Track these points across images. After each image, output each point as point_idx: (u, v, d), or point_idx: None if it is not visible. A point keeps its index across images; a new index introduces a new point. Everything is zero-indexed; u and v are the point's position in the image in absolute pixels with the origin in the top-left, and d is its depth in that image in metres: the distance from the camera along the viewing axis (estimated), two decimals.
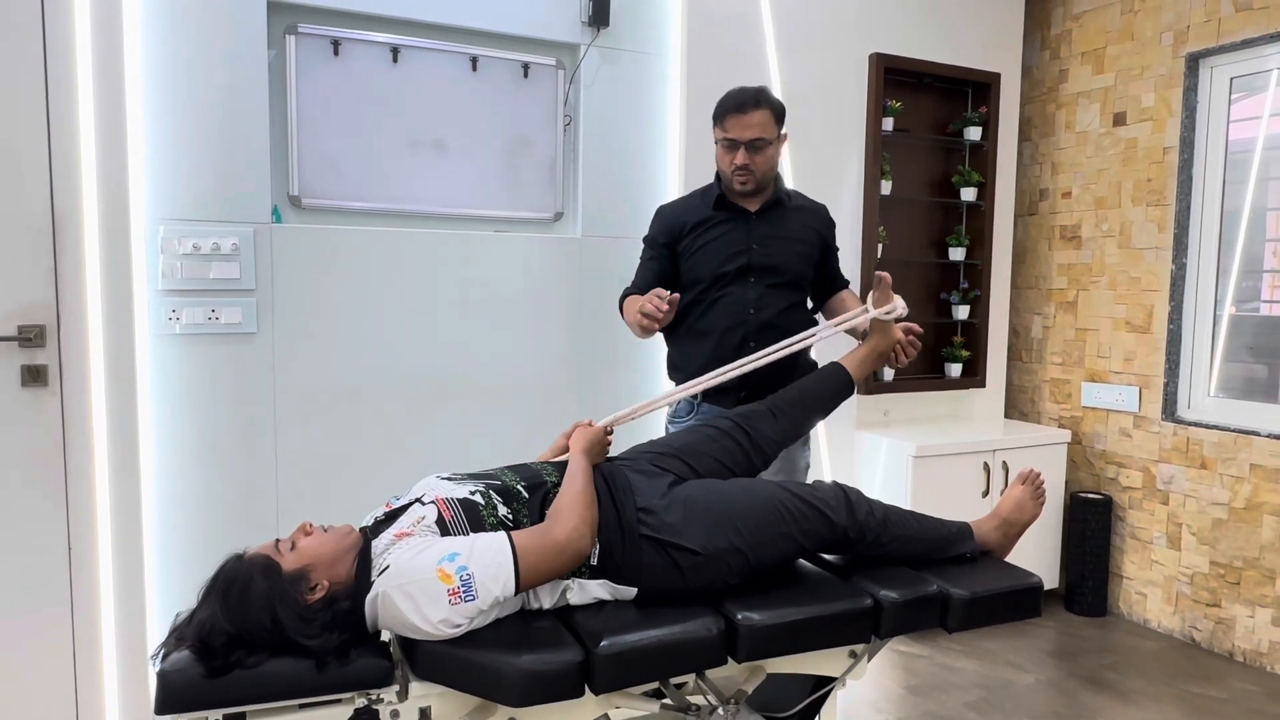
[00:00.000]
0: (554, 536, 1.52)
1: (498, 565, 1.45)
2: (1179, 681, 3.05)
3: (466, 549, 1.46)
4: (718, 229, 2.31)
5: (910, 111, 3.61)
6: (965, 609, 1.77)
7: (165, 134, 2.42)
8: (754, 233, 2.30)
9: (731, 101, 2.22)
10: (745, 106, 2.19)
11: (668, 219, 2.39)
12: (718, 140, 2.26)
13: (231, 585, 1.42)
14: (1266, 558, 3.13)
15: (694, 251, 2.31)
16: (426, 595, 1.41)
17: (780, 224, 2.33)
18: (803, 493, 1.80)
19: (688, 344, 2.33)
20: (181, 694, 1.35)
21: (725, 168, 2.27)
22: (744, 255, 2.27)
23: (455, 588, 1.41)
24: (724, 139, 2.24)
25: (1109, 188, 3.65)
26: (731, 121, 2.21)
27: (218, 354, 2.51)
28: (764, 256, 2.28)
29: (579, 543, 1.54)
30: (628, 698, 1.61)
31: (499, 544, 1.49)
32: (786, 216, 2.34)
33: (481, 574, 1.43)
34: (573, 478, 1.65)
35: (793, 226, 2.34)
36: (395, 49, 2.74)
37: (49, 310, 2.14)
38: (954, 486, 3.35)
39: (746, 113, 2.19)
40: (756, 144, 2.20)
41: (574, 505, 1.58)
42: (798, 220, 2.36)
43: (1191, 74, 3.34)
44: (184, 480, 2.49)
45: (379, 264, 2.72)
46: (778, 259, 2.29)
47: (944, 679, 3.03)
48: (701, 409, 2.30)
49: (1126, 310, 3.59)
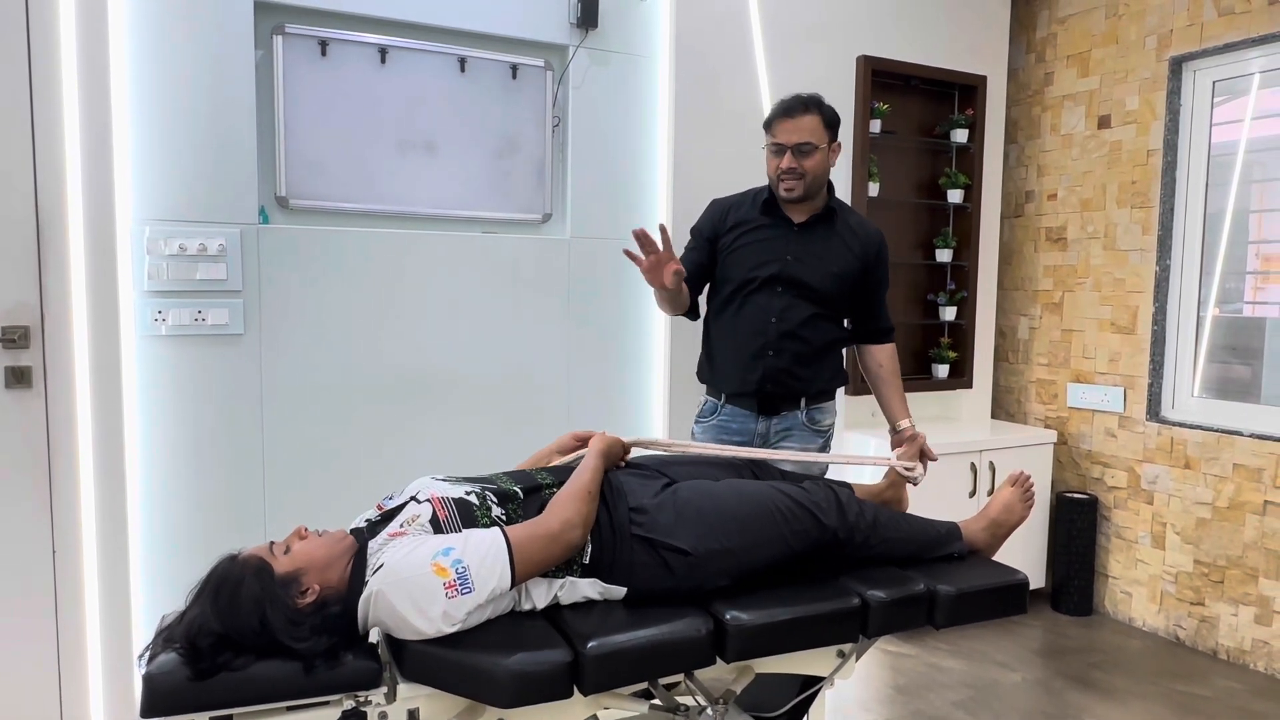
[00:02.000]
0: (548, 525, 1.54)
1: (493, 557, 1.46)
2: (1164, 680, 3.07)
3: (460, 543, 1.47)
4: (757, 233, 2.29)
5: (897, 114, 3.63)
6: (952, 605, 1.78)
7: (151, 134, 2.41)
8: (792, 245, 2.26)
9: (781, 106, 2.21)
10: (794, 111, 2.18)
11: (714, 213, 2.38)
12: (767, 146, 2.25)
13: (223, 585, 1.42)
14: (1249, 556, 3.16)
15: (730, 251, 2.31)
16: (423, 590, 1.41)
17: (822, 241, 2.28)
18: (794, 494, 1.81)
19: (716, 344, 2.38)
20: (168, 696, 1.34)
21: (772, 172, 2.26)
22: (775, 264, 2.25)
23: (451, 580, 1.41)
24: (772, 143, 2.22)
25: (1094, 190, 3.68)
26: (780, 126, 2.20)
27: (204, 355, 2.50)
28: (795, 270, 2.25)
29: (571, 533, 1.55)
30: (617, 698, 1.61)
31: (493, 535, 1.50)
32: (832, 234, 2.29)
33: (477, 566, 1.44)
34: (582, 471, 1.68)
35: (835, 246, 2.29)
36: (383, 50, 2.73)
37: (33, 311, 2.12)
38: (941, 487, 3.36)
39: (795, 117, 2.18)
40: (803, 148, 2.18)
41: (574, 496, 1.60)
42: (842, 242, 2.29)
43: (1175, 77, 3.37)
44: (170, 482, 2.47)
45: (367, 265, 2.71)
46: (808, 276, 2.25)
47: (931, 678, 3.04)
48: (725, 409, 2.35)
49: (1111, 311, 3.62)
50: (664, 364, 3.12)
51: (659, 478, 1.84)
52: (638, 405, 3.17)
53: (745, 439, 2.30)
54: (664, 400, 3.14)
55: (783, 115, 2.19)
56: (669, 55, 3.09)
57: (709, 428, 2.37)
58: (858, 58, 3.44)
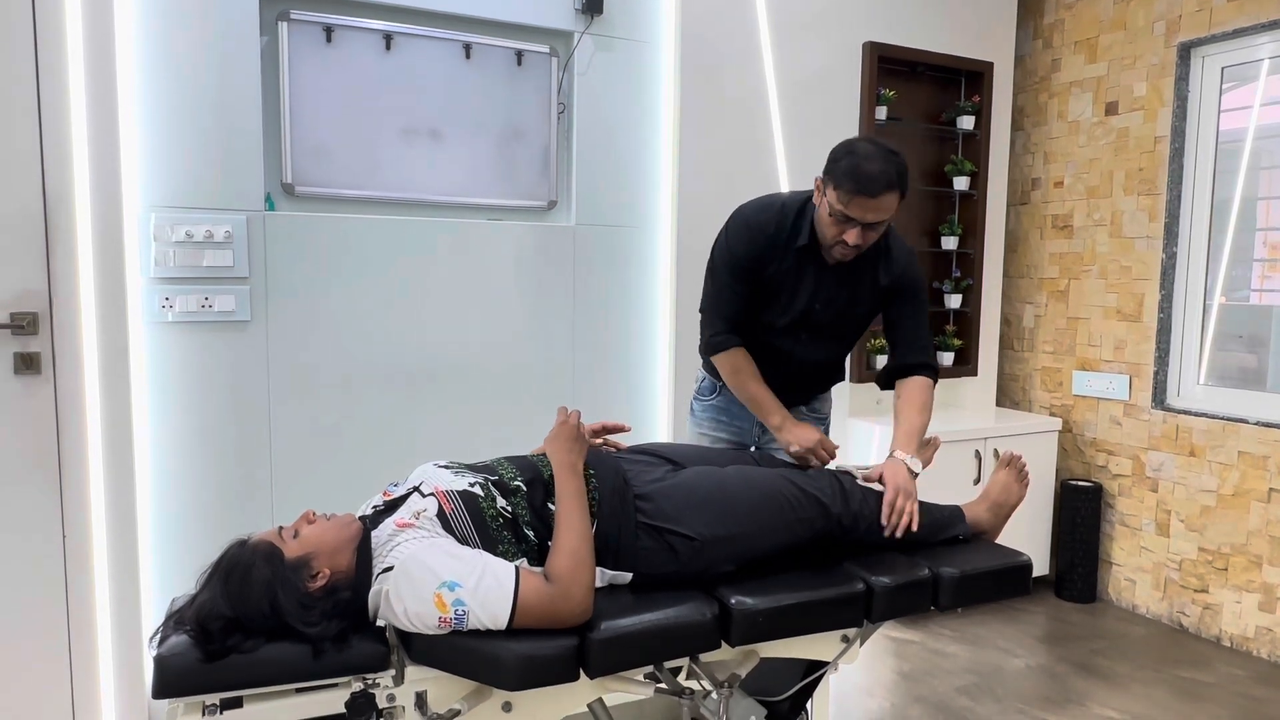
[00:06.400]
0: (558, 611, 1.46)
1: (495, 609, 1.43)
2: (1167, 666, 3.08)
3: (472, 582, 1.42)
4: (788, 276, 2.05)
5: (903, 100, 3.62)
6: (956, 586, 1.79)
7: (157, 121, 2.41)
8: (820, 291, 2.06)
9: (863, 182, 1.84)
10: (878, 189, 1.84)
11: (754, 248, 2.05)
12: (831, 208, 1.90)
13: (233, 570, 1.43)
14: (1253, 544, 3.16)
15: (759, 286, 2.11)
16: (420, 618, 1.42)
17: (850, 280, 2.06)
18: (800, 481, 1.82)
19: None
20: (179, 678, 1.35)
21: (830, 237, 1.95)
22: (799, 310, 2.07)
23: (447, 618, 1.41)
24: (840, 213, 1.89)
25: (1101, 177, 3.66)
26: (858, 204, 1.86)
27: (211, 342, 2.51)
28: (821, 317, 2.09)
29: (583, 617, 1.49)
30: (623, 681, 1.62)
31: (503, 588, 1.43)
32: (861, 270, 2.06)
33: (478, 611, 1.42)
34: (569, 519, 1.56)
35: (864, 284, 2.07)
36: (388, 36, 2.73)
37: (41, 298, 2.13)
38: (946, 474, 3.36)
39: (878, 196, 1.85)
40: (877, 226, 1.91)
41: (579, 567, 1.50)
42: (870, 276, 2.07)
43: (1183, 63, 3.35)
44: (178, 468, 2.49)
45: (373, 252, 2.71)
46: (834, 320, 2.10)
47: (935, 664, 3.05)
48: (726, 393, 2.24)
49: (1117, 299, 3.61)
50: (668, 350, 3.13)
51: (663, 464, 1.84)
52: (642, 391, 3.17)
53: (745, 423, 2.30)
54: (668, 386, 3.14)
55: (864, 194, 1.85)
56: (674, 41, 3.08)
57: (708, 407, 2.35)
58: (864, 44, 3.42)
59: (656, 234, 3.15)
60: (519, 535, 1.58)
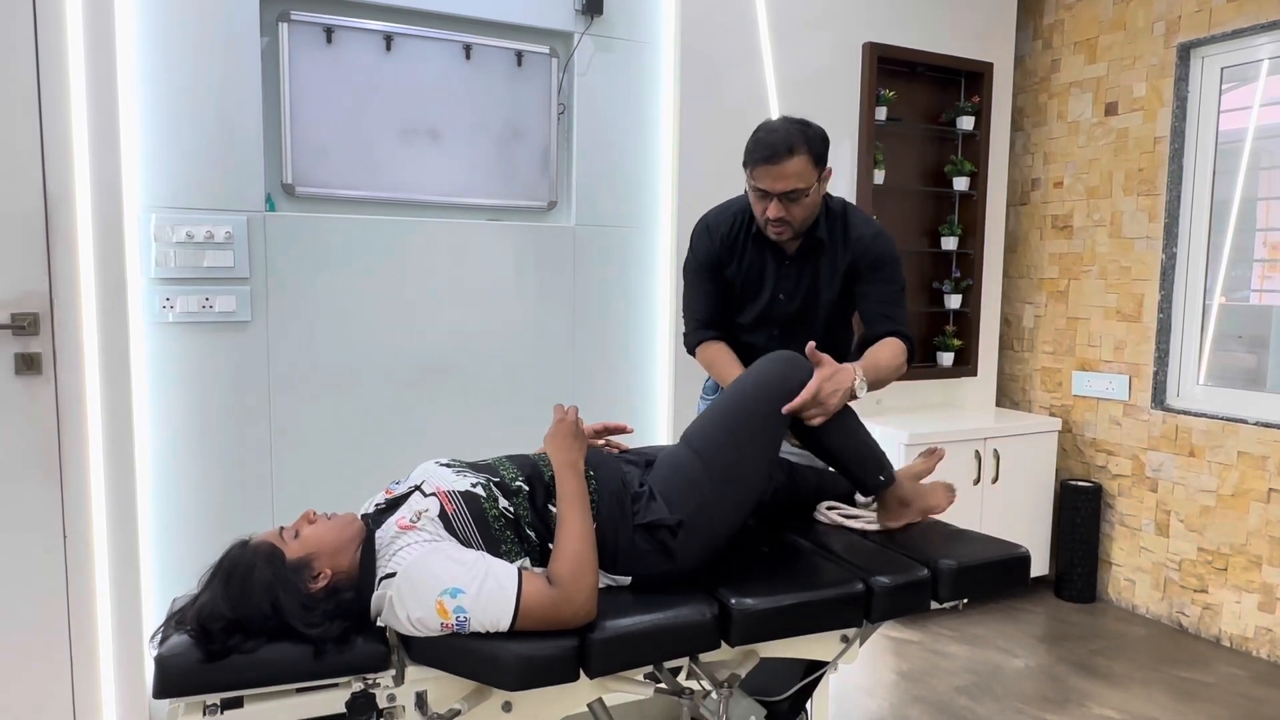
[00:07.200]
0: (561, 614, 1.46)
1: (497, 614, 1.42)
2: (1166, 666, 3.08)
3: (474, 588, 1.41)
4: (751, 272, 2.08)
5: (903, 101, 3.62)
6: (954, 579, 1.79)
7: (158, 121, 2.41)
8: (781, 282, 2.07)
9: (761, 150, 1.87)
10: (777, 156, 1.85)
11: (712, 248, 2.11)
12: (749, 185, 1.94)
13: (234, 571, 1.42)
14: (1253, 544, 3.16)
15: (727, 285, 2.15)
16: (423, 623, 1.42)
17: (811, 268, 2.06)
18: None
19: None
20: (179, 678, 1.35)
21: (759, 215, 1.97)
22: (764, 305, 2.10)
23: (449, 624, 1.41)
24: (754, 187, 1.92)
25: (1100, 177, 3.67)
26: (762, 172, 1.87)
27: (212, 342, 2.51)
28: (786, 306, 2.09)
29: (587, 619, 1.49)
30: (622, 681, 1.63)
31: (505, 593, 1.43)
32: (821, 259, 2.05)
33: (479, 617, 1.41)
34: (570, 520, 1.55)
35: (825, 269, 2.06)
36: (388, 37, 2.73)
37: (42, 298, 2.13)
38: (945, 474, 3.34)
39: (779, 163, 1.85)
40: (793, 195, 1.89)
41: (582, 569, 1.49)
42: (830, 260, 2.05)
43: (1183, 64, 3.35)
44: (178, 468, 2.49)
45: (373, 252, 2.71)
46: (802, 311, 2.10)
47: (935, 664, 3.06)
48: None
49: (1117, 299, 3.61)
50: (668, 350, 3.13)
51: (643, 465, 1.84)
52: (642, 391, 3.18)
53: None
54: (668, 386, 3.15)
55: (764, 161, 1.86)
56: (674, 42, 3.08)
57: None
58: (864, 44, 3.42)
59: (656, 234, 3.15)
60: (521, 536, 1.58)
